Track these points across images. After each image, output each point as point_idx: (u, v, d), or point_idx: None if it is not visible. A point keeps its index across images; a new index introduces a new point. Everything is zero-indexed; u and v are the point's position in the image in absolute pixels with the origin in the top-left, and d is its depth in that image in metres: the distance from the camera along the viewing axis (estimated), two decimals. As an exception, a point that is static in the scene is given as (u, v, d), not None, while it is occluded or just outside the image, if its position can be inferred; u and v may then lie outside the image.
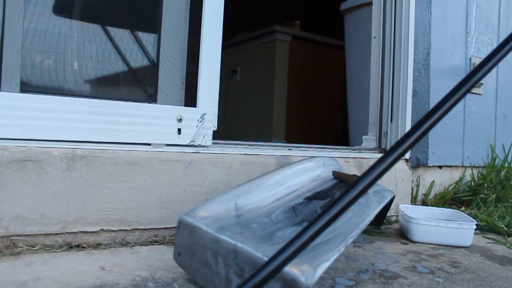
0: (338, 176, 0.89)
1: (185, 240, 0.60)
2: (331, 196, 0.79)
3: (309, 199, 0.75)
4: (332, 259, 0.56)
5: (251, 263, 0.52)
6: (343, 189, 0.83)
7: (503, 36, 1.70)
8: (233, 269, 0.54)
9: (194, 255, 0.59)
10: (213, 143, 0.95)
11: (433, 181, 1.42)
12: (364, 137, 1.40)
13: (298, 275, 0.50)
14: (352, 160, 1.18)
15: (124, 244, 0.83)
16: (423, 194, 1.40)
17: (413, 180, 1.36)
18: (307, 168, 0.86)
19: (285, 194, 0.75)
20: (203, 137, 0.93)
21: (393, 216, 1.25)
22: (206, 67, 0.94)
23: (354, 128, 1.77)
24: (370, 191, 0.86)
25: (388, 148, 1.33)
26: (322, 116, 2.57)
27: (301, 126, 2.50)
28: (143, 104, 0.89)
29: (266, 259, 0.50)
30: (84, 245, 0.79)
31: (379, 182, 0.72)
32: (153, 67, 0.94)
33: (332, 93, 2.57)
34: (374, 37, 1.40)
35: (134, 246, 0.82)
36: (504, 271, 0.83)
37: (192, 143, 0.92)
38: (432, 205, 1.33)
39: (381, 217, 1.10)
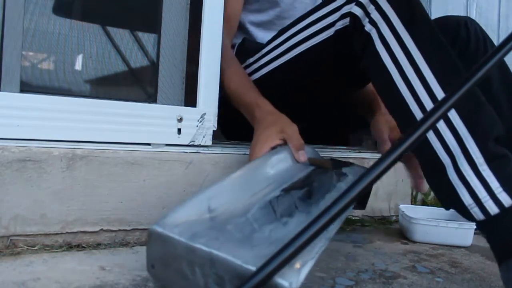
0: (314, 163, 0.84)
1: (157, 252, 0.56)
2: (308, 185, 0.74)
3: (286, 190, 0.70)
4: (317, 256, 0.53)
5: (230, 270, 0.49)
6: (320, 176, 0.79)
7: (503, 36, 1.70)
8: (211, 278, 0.51)
9: (169, 266, 0.55)
10: (213, 143, 0.95)
11: (433, 181, 1.42)
12: (364, 136, 1.40)
13: (281, 281, 0.47)
14: (352, 160, 1.18)
15: (124, 244, 0.83)
16: (423, 194, 1.39)
17: (413, 180, 1.36)
18: (280, 158, 0.80)
19: (260, 188, 0.69)
20: (203, 137, 0.93)
21: (393, 216, 1.25)
22: (206, 67, 0.94)
23: (354, 128, 1.76)
24: (350, 174, 0.83)
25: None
26: (322, 116, 2.56)
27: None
28: (143, 104, 0.89)
29: (245, 266, 0.48)
30: (84, 245, 0.79)
31: (378, 182, 0.71)
32: (153, 67, 0.94)
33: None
34: (374, 37, 1.40)
35: (134, 246, 0.82)
36: (504, 271, 0.83)
37: (192, 143, 0.92)
38: (432, 205, 1.33)
39: (365, 197, 1.05)
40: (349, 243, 0.97)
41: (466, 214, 0.69)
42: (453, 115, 0.69)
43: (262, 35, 1.23)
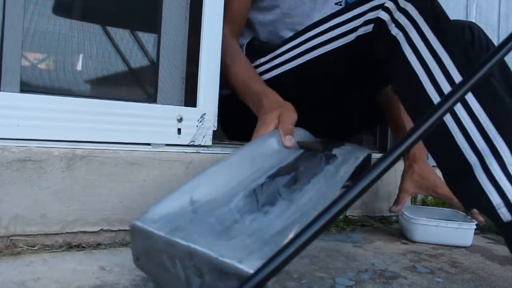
0: (304, 146, 0.83)
1: (140, 246, 0.57)
2: (295, 170, 0.72)
3: (272, 177, 0.69)
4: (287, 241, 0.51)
5: (207, 263, 0.50)
6: (308, 159, 0.77)
7: (503, 36, 1.70)
8: (191, 270, 0.52)
9: (152, 259, 0.56)
10: (213, 143, 0.95)
11: (433, 181, 1.42)
12: (364, 137, 1.40)
13: (240, 266, 0.47)
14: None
15: (124, 244, 0.83)
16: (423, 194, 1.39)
17: (413, 180, 1.36)
18: (271, 143, 0.78)
19: (246, 175, 0.68)
20: (203, 137, 0.93)
21: (393, 216, 1.25)
22: (206, 67, 0.94)
23: (354, 128, 1.76)
24: (340, 155, 0.80)
25: (388, 148, 1.32)
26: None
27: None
28: (143, 104, 0.89)
29: (220, 258, 0.49)
30: (84, 245, 0.79)
31: (378, 182, 0.70)
32: (153, 67, 0.94)
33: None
34: (374, 37, 1.40)
35: (134, 246, 0.82)
36: (504, 271, 0.83)
37: (192, 143, 0.92)
38: (432, 205, 1.33)
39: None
40: (349, 243, 0.97)
41: (491, 214, 0.68)
42: (481, 114, 0.69)
43: (272, 36, 1.21)
